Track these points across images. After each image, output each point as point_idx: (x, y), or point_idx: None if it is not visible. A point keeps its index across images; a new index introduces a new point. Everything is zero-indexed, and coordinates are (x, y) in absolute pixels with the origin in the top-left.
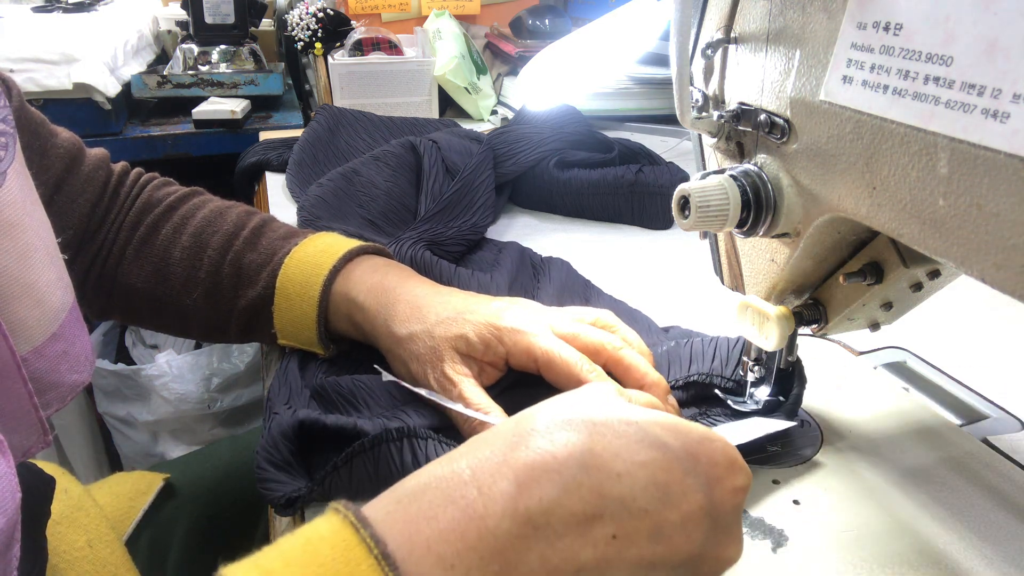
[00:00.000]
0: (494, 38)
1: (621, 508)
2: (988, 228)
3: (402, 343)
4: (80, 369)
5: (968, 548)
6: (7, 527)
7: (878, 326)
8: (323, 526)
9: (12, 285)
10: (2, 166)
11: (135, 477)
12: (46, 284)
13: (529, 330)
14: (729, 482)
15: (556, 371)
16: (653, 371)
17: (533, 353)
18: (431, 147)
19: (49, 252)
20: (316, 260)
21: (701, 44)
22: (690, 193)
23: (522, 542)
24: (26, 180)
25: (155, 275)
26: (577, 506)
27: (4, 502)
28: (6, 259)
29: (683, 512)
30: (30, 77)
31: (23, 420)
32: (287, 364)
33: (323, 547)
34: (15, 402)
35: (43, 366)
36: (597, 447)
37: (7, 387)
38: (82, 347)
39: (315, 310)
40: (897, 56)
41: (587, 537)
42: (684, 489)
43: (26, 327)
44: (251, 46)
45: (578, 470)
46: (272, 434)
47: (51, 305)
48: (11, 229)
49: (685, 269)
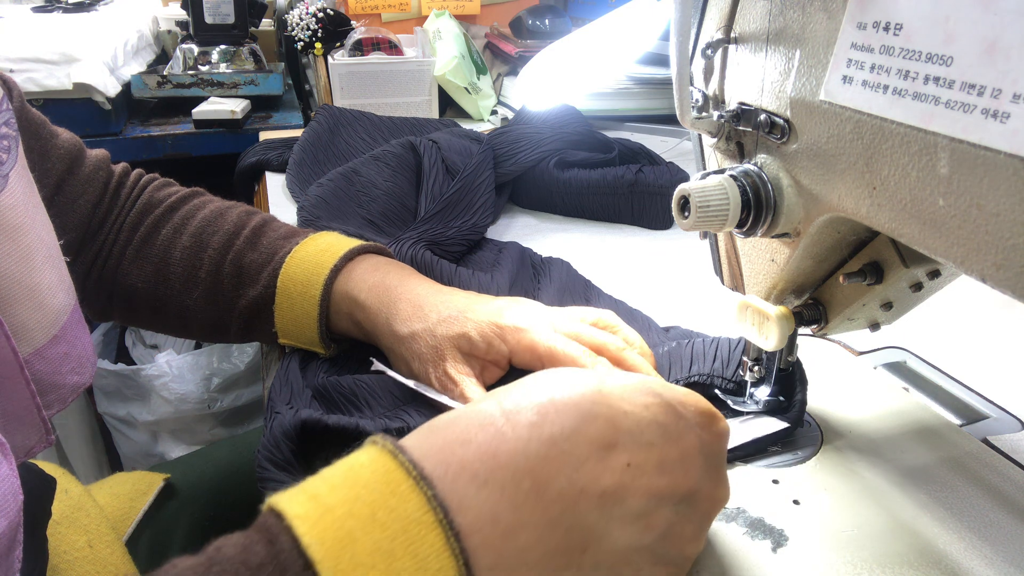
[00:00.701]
0: (494, 38)
1: (632, 439)
2: (988, 228)
3: (404, 342)
4: (81, 370)
5: (968, 548)
6: (9, 529)
7: (878, 326)
8: (362, 456)
9: (14, 288)
10: (4, 169)
11: (135, 477)
12: (48, 286)
13: (531, 328)
14: (714, 427)
15: (560, 366)
16: (654, 373)
17: (536, 350)
18: (431, 147)
19: (51, 254)
20: (317, 259)
21: (701, 44)
22: (690, 193)
23: (550, 463)
24: (28, 183)
25: (155, 275)
26: (595, 434)
27: (6, 504)
28: (8, 262)
29: (681, 449)
30: (30, 77)
31: (26, 420)
32: (288, 364)
33: (364, 472)
34: (18, 403)
35: (45, 368)
36: (605, 389)
37: (10, 388)
38: (83, 348)
39: (316, 309)
40: (897, 56)
41: (606, 463)
42: (680, 429)
43: (28, 329)
44: (251, 46)
45: (592, 404)
46: (274, 433)
47: (53, 307)
48: (13, 232)
49: (685, 269)
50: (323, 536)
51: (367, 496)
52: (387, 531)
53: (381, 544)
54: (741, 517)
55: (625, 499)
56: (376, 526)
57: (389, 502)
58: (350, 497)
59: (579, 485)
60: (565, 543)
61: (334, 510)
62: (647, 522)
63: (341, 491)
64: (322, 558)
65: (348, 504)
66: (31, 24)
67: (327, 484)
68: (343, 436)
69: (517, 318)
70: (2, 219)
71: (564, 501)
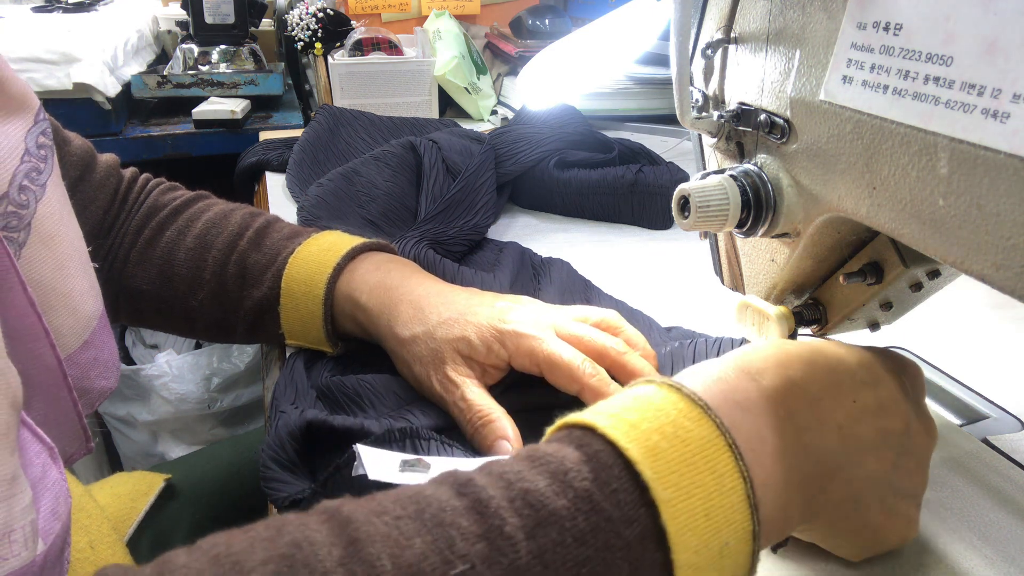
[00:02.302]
0: (494, 38)
1: (851, 380)
2: (988, 228)
3: (405, 345)
4: (108, 375)
5: (968, 548)
6: (63, 531)
7: (878, 326)
8: (645, 389)
9: (50, 295)
10: (42, 178)
11: (136, 477)
12: (80, 293)
13: (531, 333)
14: (910, 370)
15: (558, 374)
16: (657, 376)
17: (535, 357)
18: (431, 147)
19: (82, 261)
20: (320, 259)
21: (701, 44)
22: (690, 193)
23: (792, 399)
24: (62, 191)
25: (160, 277)
26: (823, 377)
27: (59, 508)
28: (45, 269)
29: (890, 389)
30: (30, 77)
31: (68, 427)
32: (293, 363)
33: (654, 400)
34: (61, 409)
35: (76, 373)
36: (816, 345)
37: (55, 395)
38: (110, 353)
39: (321, 309)
40: (897, 56)
41: (837, 400)
42: (881, 373)
43: (62, 335)
44: (251, 46)
45: (812, 354)
46: (279, 433)
47: (84, 313)
48: (50, 240)
49: (685, 269)
50: (635, 443)
51: (664, 418)
52: (688, 447)
53: (685, 457)
54: None
55: (857, 432)
56: (679, 442)
57: (686, 424)
58: (649, 417)
59: (819, 417)
60: (816, 469)
61: (638, 425)
62: (878, 455)
63: (638, 412)
64: (640, 459)
65: (650, 422)
66: (31, 24)
67: (622, 407)
68: (347, 437)
69: (518, 322)
70: (41, 227)
71: (811, 431)
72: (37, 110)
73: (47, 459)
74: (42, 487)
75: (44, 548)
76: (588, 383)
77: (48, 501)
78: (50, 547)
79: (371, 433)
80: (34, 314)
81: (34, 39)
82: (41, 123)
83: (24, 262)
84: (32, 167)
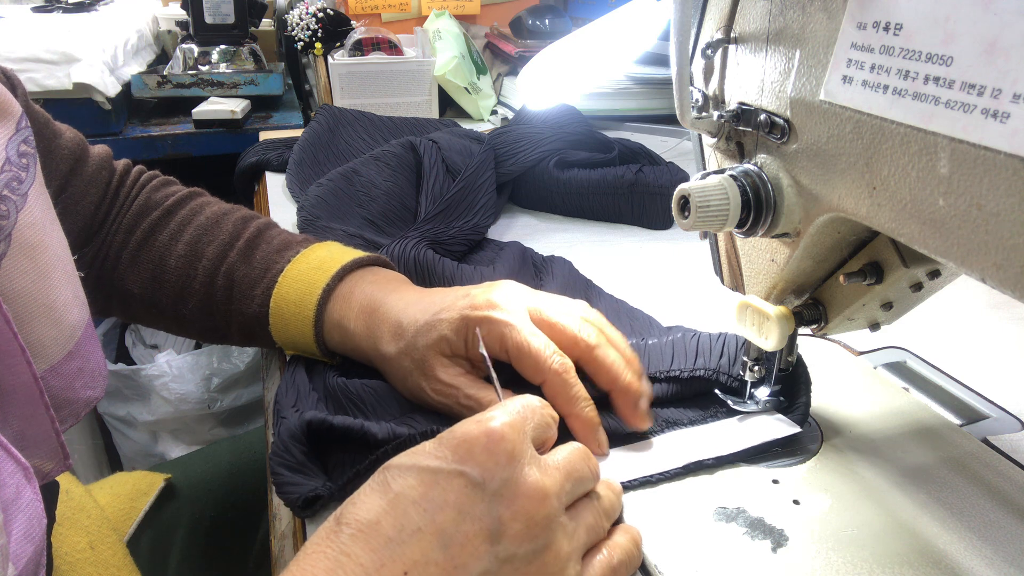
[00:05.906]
0: (494, 38)
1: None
2: (988, 228)
3: (391, 362)
4: (94, 385)
5: (968, 548)
6: (35, 554)
7: (878, 326)
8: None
9: (32, 305)
10: (24, 188)
11: (136, 477)
12: (63, 303)
13: (502, 319)
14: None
15: (525, 364)
16: (627, 375)
17: (504, 344)
18: (431, 147)
19: (66, 270)
20: (310, 278)
21: (701, 44)
22: (690, 193)
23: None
24: (45, 199)
25: (152, 282)
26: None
27: (32, 531)
28: (25, 280)
29: (448, 516)
30: (30, 77)
31: (45, 444)
32: (295, 367)
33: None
34: (37, 426)
35: (59, 383)
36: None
37: (29, 412)
38: (96, 363)
39: (311, 330)
40: (897, 56)
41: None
42: (437, 502)
43: (44, 346)
44: (251, 46)
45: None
46: (282, 438)
47: (68, 323)
48: (32, 250)
49: (685, 269)
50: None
51: None
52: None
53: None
54: (741, 517)
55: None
56: None
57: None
58: None
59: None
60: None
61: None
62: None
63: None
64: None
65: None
66: (31, 24)
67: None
68: (351, 437)
69: (489, 308)
70: (22, 237)
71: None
72: (19, 118)
73: (21, 479)
74: (15, 509)
75: (15, 573)
76: (552, 372)
77: (21, 523)
78: (22, 571)
79: (371, 434)
80: (9, 331)
81: (34, 39)
82: (23, 131)
83: (3, 274)
84: (13, 176)
